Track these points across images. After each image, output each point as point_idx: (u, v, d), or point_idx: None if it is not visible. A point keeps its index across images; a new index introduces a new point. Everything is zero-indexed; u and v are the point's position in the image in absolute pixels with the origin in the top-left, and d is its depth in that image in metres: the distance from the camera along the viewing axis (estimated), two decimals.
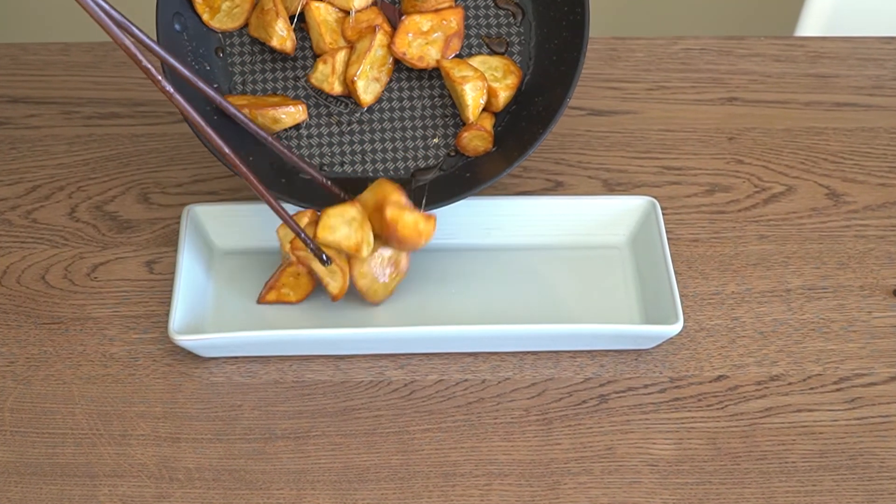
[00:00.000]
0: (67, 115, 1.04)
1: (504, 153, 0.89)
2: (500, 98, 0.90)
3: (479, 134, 0.89)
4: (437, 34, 0.90)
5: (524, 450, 0.82)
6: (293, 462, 0.81)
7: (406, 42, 0.89)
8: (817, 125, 1.05)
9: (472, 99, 0.89)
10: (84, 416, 0.83)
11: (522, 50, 0.92)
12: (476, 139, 0.90)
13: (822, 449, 0.82)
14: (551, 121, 0.86)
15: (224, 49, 0.92)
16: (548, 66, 0.90)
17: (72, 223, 0.96)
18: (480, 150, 0.90)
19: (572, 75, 0.87)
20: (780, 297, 0.91)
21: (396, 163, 0.91)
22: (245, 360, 0.87)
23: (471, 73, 0.89)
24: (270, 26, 0.89)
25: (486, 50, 0.92)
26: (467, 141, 0.90)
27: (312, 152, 0.91)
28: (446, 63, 0.89)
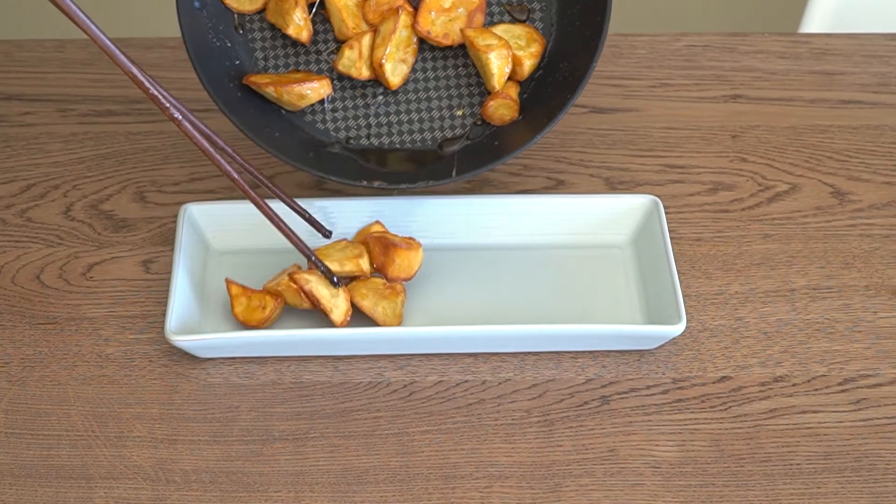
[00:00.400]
0: (63, 113, 1.04)
1: (531, 121, 0.89)
2: (525, 66, 0.90)
3: (504, 102, 0.90)
4: (459, 10, 0.90)
5: (525, 452, 0.82)
6: (291, 464, 0.81)
7: (430, 20, 0.90)
8: (822, 123, 1.05)
9: (497, 67, 0.89)
10: (79, 417, 0.83)
11: (544, 17, 0.92)
12: (502, 108, 0.90)
13: (827, 451, 0.82)
14: (578, 86, 0.87)
15: (244, 26, 0.92)
16: (571, 31, 0.91)
17: (67, 222, 0.96)
18: (507, 119, 0.90)
19: (597, 39, 0.87)
20: (785, 297, 0.91)
21: (423, 133, 0.91)
22: (242, 361, 0.87)
23: (495, 41, 0.89)
24: (288, 14, 0.89)
25: (507, 18, 0.92)
26: (493, 110, 0.90)
27: (338, 126, 0.91)
28: (470, 32, 0.90)
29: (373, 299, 0.86)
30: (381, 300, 0.86)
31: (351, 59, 0.90)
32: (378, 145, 0.91)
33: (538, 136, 0.87)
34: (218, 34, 0.90)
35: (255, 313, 0.86)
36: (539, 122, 0.88)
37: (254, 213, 0.92)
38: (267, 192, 0.90)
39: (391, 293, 0.87)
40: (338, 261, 0.87)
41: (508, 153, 0.87)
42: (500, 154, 0.88)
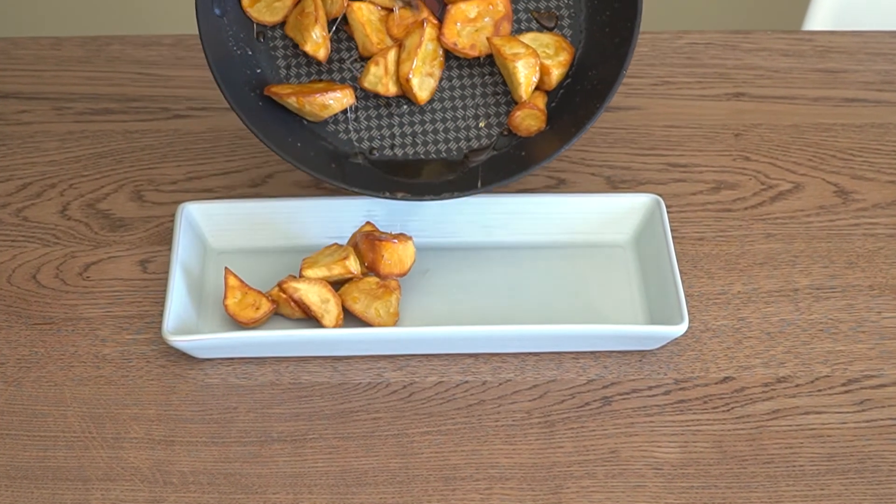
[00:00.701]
0: (59, 111, 1.04)
1: (559, 130, 0.89)
2: (553, 76, 0.90)
3: (531, 112, 0.89)
4: (485, 20, 0.90)
5: (526, 453, 0.82)
6: (290, 465, 0.81)
7: (455, 32, 0.89)
8: (826, 121, 1.05)
9: (524, 77, 0.88)
10: (76, 418, 0.83)
11: (573, 24, 0.92)
12: (529, 118, 0.89)
13: (831, 452, 0.82)
14: (608, 94, 0.86)
15: (265, 34, 0.91)
16: (600, 38, 0.90)
17: (63, 221, 0.96)
18: (533, 130, 0.90)
19: (627, 46, 0.87)
20: (788, 297, 0.91)
21: (448, 144, 0.91)
22: (241, 362, 0.87)
23: (522, 49, 0.89)
24: (307, 30, 0.88)
25: (535, 25, 0.92)
26: (520, 120, 0.90)
27: (362, 136, 0.91)
28: (497, 40, 0.89)
29: (365, 301, 0.86)
30: (373, 301, 0.86)
31: (377, 76, 0.89)
32: (402, 156, 0.91)
33: (566, 146, 0.86)
34: (238, 42, 0.90)
35: (247, 311, 0.86)
36: (567, 132, 0.87)
37: (252, 211, 0.92)
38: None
39: (384, 292, 0.87)
40: (325, 266, 0.87)
41: (536, 163, 0.87)
42: (526, 164, 0.87)
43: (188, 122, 1.04)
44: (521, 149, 0.90)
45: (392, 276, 0.88)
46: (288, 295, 0.86)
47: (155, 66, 1.08)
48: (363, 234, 0.88)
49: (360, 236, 0.88)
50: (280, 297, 0.86)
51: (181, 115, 1.04)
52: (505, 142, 0.91)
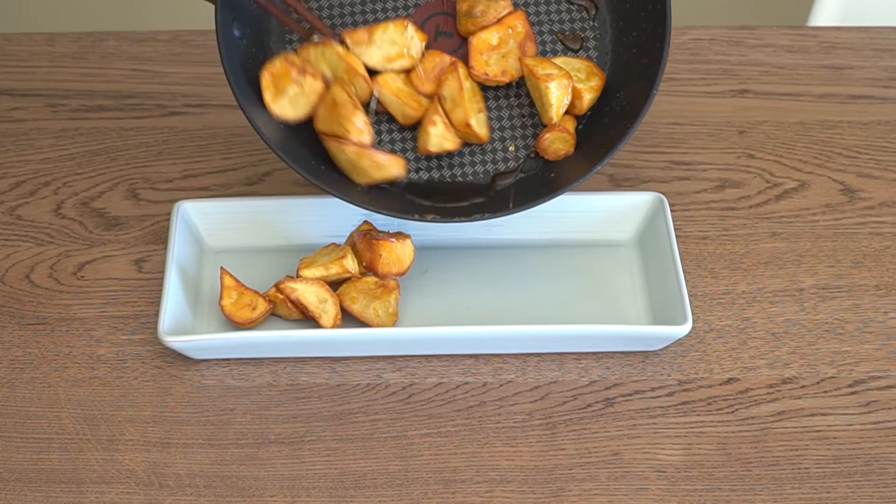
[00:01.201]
0: (53, 108, 1.04)
1: (587, 151, 0.89)
2: (585, 100, 0.89)
3: (560, 136, 0.88)
4: (509, 43, 0.90)
5: (527, 455, 0.82)
6: (287, 468, 0.81)
7: (483, 62, 0.89)
8: (831, 118, 1.05)
9: (556, 98, 0.88)
10: (70, 420, 0.83)
11: (598, 45, 0.92)
12: (557, 141, 0.89)
13: (837, 454, 0.82)
14: (638, 115, 0.86)
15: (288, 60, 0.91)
16: (627, 59, 0.90)
17: (57, 220, 0.96)
18: (561, 153, 0.89)
19: (657, 67, 0.87)
20: (793, 297, 0.91)
21: (475, 167, 0.91)
22: (237, 363, 0.87)
23: (555, 71, 0.88)
24: (347, 120, 0.86)
25: (560, 47, 0.92)
26: (548, 143, 0.89)
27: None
28: (529, 61, 0.89)
29: (363, 301, 0.86)
30: (371, 301, 0.86)
31: (439, 135, 0.88)
32: (428, 180, 0.91)
33: (597, 167, 0.86)
34: (258, 65, 0.89)
35: (244, 311, 0.86)
36: (597, 152, 0.87)
37: (249, 210, 0.92)
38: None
39: (383, 292, 0.87)
40: (323, 265, 0.87)
41: (565, 185, 0.86)
42: (556, 186, 0.87)
43: (184, 119, 1.04)
44: (550, 170, 0.90)
45: (391, 276, 0.88)
46: (285, 295, 0.86)
47: (150, 62, 1.08)
48: (361, 233, 0.88)
49: (357, 235, 0.88)
50: (277, 297, 0.86)
51: (177, 113, 1.04)
52: (532, 164, 0.90)
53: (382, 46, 0.88)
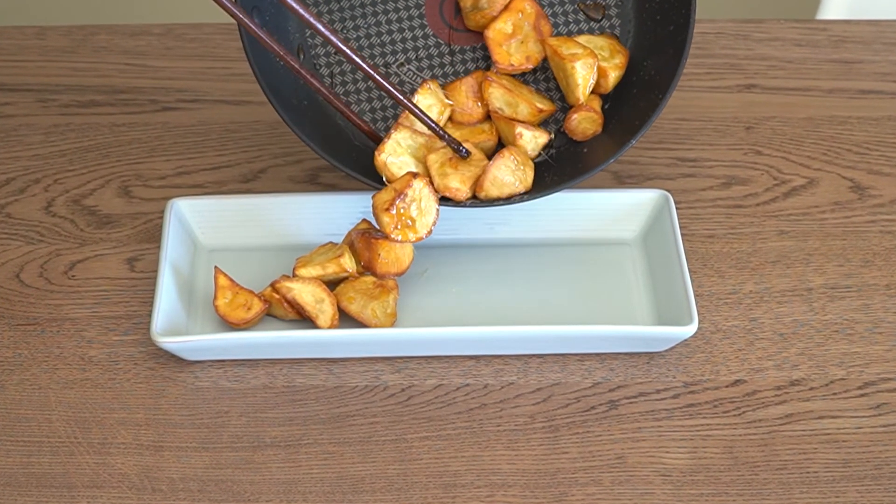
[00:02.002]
0: (43, 103, 1.04)
1: (618, 127, 0.89)
2: (610, 78, 0.90)
3: (588, 116, 0.89)
4: (524, 27, 0.90)
5: (529, 459, 0.82)
6: (283, 472, 0.81)
7: (505, 54, 0.90)
8: (841, 114, 1.05)
9: (582, 77, 0.88)
10: (61, 423, 0.83)
11: (621, 13, 0.92)
12: (585, 121, 0.89)
13: (846, 458, 0.82)
14: (669, 85, 0.86)
15: (306, 50, 0.92)
16: (652, 26, 0.90)
17: (48, 218, 0.96)
18: (590, 134, 0.90)
19: (685, 34, 0.87)
20: (801, 297, 0.91)
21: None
22: (232, 364, 0.87)
23: (580, 50, 0.89)
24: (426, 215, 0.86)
25: (581, 19, 0.92)
26: (576, 124, 0.90)
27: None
28: (553, 41, 0.89)
29: (361, 302, 0.86)
30: (369, 301, 0.86)
31: (532, 137, 0.88)
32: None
33: (632, 141, 0.86)
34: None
35: (238, 311, 0.86)
36: (629, 126, 0.87)
37: (244, 208, 0.92)
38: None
39: (381, 292, 0.87)
40: (320, 264, 0.87)
41: (599, 163, 0.87)
42: (590, 165, 0.87)
43: (177, 114, 1.04)
44: (580, 148, 0.90)
45: (389, 276, 0.88)
46: (281, 295, 0.86)
47: (143, 56, 1.08)
48: (359, 231, 0.88)
49: (356, 234, 0.88)
50: (273, 297, 0.86)
51: (170, 108, 1.04)
52: (561, 142, 0.91)
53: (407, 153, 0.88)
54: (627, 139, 0.87)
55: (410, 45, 0.93)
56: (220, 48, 1.10)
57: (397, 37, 0.93)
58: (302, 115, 0.89)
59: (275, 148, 1.01)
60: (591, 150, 0.90)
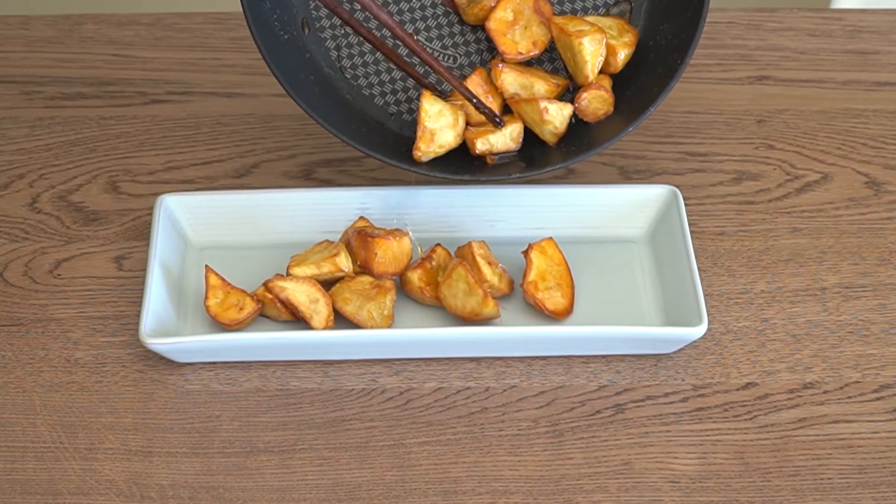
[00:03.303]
0: (28, 96, 1.04)
1: (637, 95, 0.89)
2: (620, 57, 0.90)
3: (598, 94, 0.89)
4: (525, 12, 0.90)
5: (532, 465, 0.82)
6: (277, 478, 0.81)
7: (510, 42, 0.90)
8: (856, 107, 1.05)
9: (590, 54, 0.88)
10: (46, 427, 0.83)
11: None
12: (595, 101, 0.90)
13: (861, 464, 0.82)
14: (688, 48, 0.86)
15: (310, 24, 0.92)
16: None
17: (33, 215, 0.96)
18: (600, 114, 0.90)
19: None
20: (815, 297, 0.91)
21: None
22: (224, 366, 0.87)
23: (587, 27, 0.89)
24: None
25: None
26: (587, 103, 0.90)
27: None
28: (558, 20, 0.89)
29: (356, 303, 0.86)
30: (365, 302, 0.86)
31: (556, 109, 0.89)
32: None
33: (651, 109, 0.87)
34: (285, 26, 0.90)
35: (230, 312, 0.86)
36: (647, 94, 0.88)
37: (236, 204, 0.92)
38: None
39: (378, 292, 0.87)
40: (314, 263, 0.87)
41: (609, 137, 0.87)
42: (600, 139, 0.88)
43: (167, 107, 1.04)
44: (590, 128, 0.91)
45: (387, 276, 0.88)
46: (274, 294, 0.86)
47: (131, 47, 1.08)
48: (356, 229, 0.88)
49: (352, 232, 0.88)
50: (266, 296, 0.86)
51: (159, 101, 1.04)
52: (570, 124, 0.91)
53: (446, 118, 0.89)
54: (646, 107, 0.87)
55: (419, 14, 0.93)
56: (210, 38, 1.10)
57: (405, 6, 0.93)
58: (310, 91, 0.89)
59: (268, 142, 1.01)
60: (601, 126, 0.90)
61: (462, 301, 0.85)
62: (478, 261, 0.87)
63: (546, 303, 0.87)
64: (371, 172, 0.99)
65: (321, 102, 0.89)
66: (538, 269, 0.88)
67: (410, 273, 0.87)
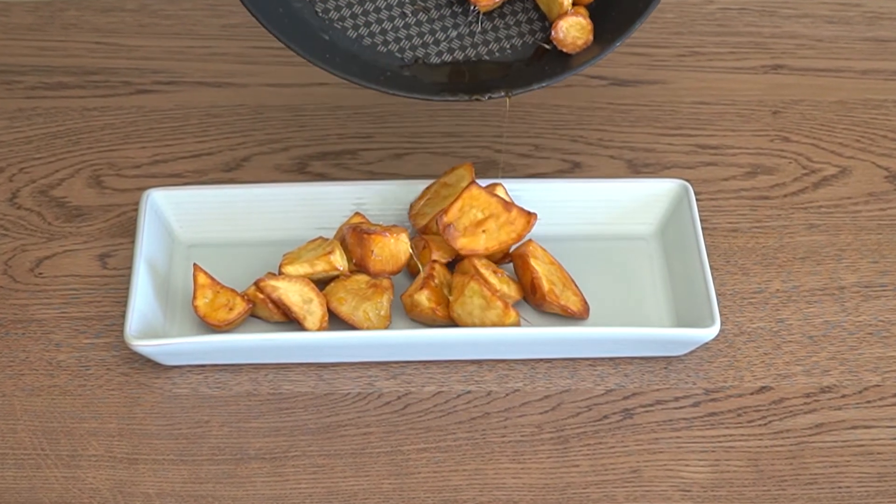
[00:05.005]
0: (7, 86, 1.04)
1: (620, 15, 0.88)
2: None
3: (576, 22, 0.87)
4: None
5: (536, 473, 0.82)
6: (269, 487, 0.81)
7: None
8: (876, 97, 1.05)
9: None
10: (27, 433, 0.83)
11: None
12: (573, 28, 0.87)
13: (881, 472, 0.82)
14: None
15: None
16: None
17: (13, 210, 0.96)
18: (580, 44, 0.88)
19: None
20: (833, 296, 0.91)
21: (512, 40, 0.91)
22: (213, 370, 0.87)
23: None
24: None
25: None
26: (565, 32, 0.87)
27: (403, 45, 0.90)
28: None
29: (352, 303, 0.86)
30: (361, 302, 0.86)
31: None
32: (452, 61, 0.90)
33: (637, 24, 0.85)
34: None
35: (220, 312, 0.86)
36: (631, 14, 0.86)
37: (226, 199, 0.92)
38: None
39: (374, 292, 0.86)
40: (308, 262, 0.87)
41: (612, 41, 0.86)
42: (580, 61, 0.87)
43: (153, 97, 1.04)
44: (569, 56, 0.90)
45: (384, 275, 0.88)
46: (266, 294, 0.86)
47: (116, 34, 1.08)
48: (351, 226, 0.88)
49: (347, 229, 0.88)
50: (257, 296, 0.86)
51: (146, 91, 1.04)
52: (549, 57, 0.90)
53: None
54: (628, 26, 0.86)
55: None
56: (199, 25, 1.10)
57: None
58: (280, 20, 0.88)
59: (259, 134, 1.01)
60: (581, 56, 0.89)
61: (480, 316, 0.85)
62: (483, 272, 0.86)
63: (570, 305, 0.87)
64: (368, 166, 0.99)
65: (295, 31, 0.87)
66: (545, 276, 0.87)
67: (418, 295, 0.86)
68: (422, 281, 0.86)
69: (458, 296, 0.85)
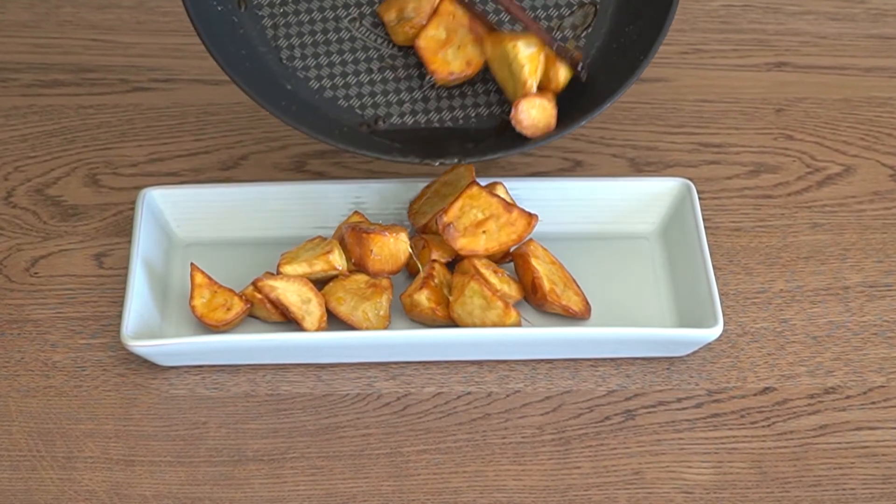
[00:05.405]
0: (3, 83, 1.04)
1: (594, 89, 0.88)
2: (560, 72, 0.88)
3: (539, 103, 0.86)
4: (459, 32, 0.89)
5: (537, 474, 0.82)
6: (266, 489, 0.81)
7: (443, 62, 0.89)
8: (880, 95, 1.05)
9: (526, 58, 0.86)
10: (22, 434, 0.83)
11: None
12: (535, 110, 0.86)
13: (886, 473, 0.82)
14: (653, 43, 0.86)
15: (247, 0, 0.91)
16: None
17: (8, 209, 0.96)
18: (542, 126, 0.86)
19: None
20: (837, 296, 0.91)
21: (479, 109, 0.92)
22: (210, 370, 0.87)
23: (521, 35, 0.87)
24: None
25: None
26: (525, 113, 0.86)
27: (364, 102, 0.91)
28: (488, 35, 0.88)
29: (351, 303, 0.86)
30: (360, 302, 0.86)
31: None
32: (413, 123, 0.91)
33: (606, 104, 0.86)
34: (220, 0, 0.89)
35: (217, 312, 0.86)
36: (605, 89, 0.87)
37: (223, 198, 0.92)
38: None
39: (374, 292, 0.86)
40: (306, 261, 0.87)
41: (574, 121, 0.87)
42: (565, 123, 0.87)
43: (150, 95, 1.04)
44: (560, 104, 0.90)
45: (383, 274, 0.88)
46: (264, 294, 0.86)
47: (112, 31, 1.08)
48: (350, 225, 0.88)
49: (346, 228, 0.88)
50: (255, 296, 0.86)
51: (142, 88, 1.04)
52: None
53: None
54: (601, 103, 0.86)
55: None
56: None
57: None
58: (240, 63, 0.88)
59: (257, 132, 1.01)
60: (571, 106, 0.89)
61: (480, 317, 0.85)
62: (483, 272, 0.86)
63: (571, 305, 0.87)
64: (367, 165, 0.99)
65: (255, 78, 0.88)
66: (546, 275, 0.87)
67: (417, 295, 0.86)
68: (421, 281, 0.86)
69: (458, 296, 0.85)
